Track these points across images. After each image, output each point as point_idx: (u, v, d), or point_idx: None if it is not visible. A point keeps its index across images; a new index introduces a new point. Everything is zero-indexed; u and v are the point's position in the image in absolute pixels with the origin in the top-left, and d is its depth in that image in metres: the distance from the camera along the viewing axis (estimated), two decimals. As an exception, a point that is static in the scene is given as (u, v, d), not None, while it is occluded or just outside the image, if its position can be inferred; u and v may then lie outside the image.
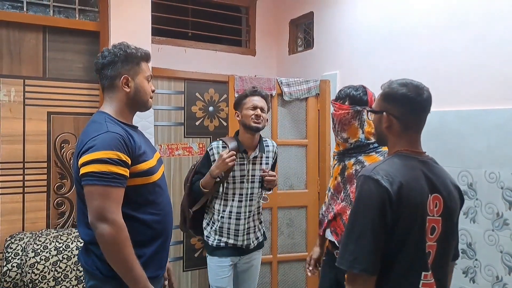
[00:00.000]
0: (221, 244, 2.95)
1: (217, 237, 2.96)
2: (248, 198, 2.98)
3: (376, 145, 2.41)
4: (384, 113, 1.81)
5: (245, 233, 2.98)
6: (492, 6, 2.68)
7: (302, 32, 4.75)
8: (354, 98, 2.43)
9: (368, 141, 2.41)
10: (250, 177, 2.98)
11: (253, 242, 3.03)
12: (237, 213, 2.95)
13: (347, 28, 3.89)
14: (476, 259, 2.75)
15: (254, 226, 3.06)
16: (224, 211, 2.95)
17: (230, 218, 2.94)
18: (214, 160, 2.92)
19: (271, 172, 2.98)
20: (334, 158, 2.63)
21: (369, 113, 1.97)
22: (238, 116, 2.99)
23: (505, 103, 2.60)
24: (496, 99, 2.65)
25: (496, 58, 2.65)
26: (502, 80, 2.62)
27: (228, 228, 2.94)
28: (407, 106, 1.77)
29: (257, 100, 2.95)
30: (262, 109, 2.95)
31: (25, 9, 3.30)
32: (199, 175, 2.97)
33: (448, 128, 2.90)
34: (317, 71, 4.22)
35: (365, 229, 1.63)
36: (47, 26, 3.37)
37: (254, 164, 3.00)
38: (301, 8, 4.55)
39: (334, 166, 2.58)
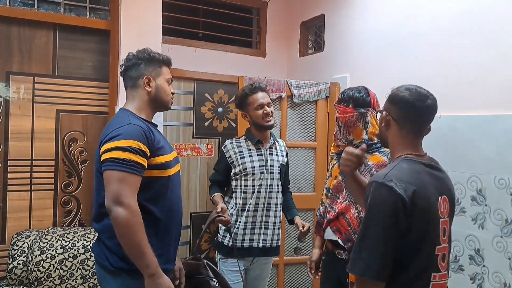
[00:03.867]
0: (237, 245, 2.90)
1: (235, 236, 2.93)
2: (268, 190, 2.95)
3: (379, 145, 2.45)
4: (384, 112, 1.86)
5: (263, 227, 2.95)
6: (503, 12, 2.66)
7: (313, 35, 4.73)
8: (358, 100, 2.47)
9: (371, 141, 2.45)
10: (269, 168, 2.96)
11: (271, 240, 2.99)
12: (255, 204, 2.92)
13: (358, 31, 3.87)
14: (484, 266, 2.71)
15: (274, 222, 3.00)
16: (244, 204, 2.92)
17: (248, 210, 2.92)
18: (230, 157, 2.98)
19: (306, 226, 2.87)
20: (332, 159, 2.64)
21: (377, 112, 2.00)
22: (246, 117, 3.00)
23: (516, 109, 2.57)
24: (506, 105, 2.62)
25: (507, 64, 2.62)
26: (513, 85, 2.60)
27: (246, 222, 2.91)
28: (405, 109, 1.79)
29: (261, 97, 2.93)
30: (268, 105, 2.93)
31: (36, 6, 3.31)
32: (215, 173, 3.09)
33: (458, 133, 2.87)
34: (327, 73, 4.19)
35: (378, 236, 1.64)
36: (57, 24, 3.38)
37: (271, 154, 3.00)
38: (313, 11, 4.53)
39: (333, 166, 2.59)
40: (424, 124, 1.82)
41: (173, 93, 2.31)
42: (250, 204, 2.91)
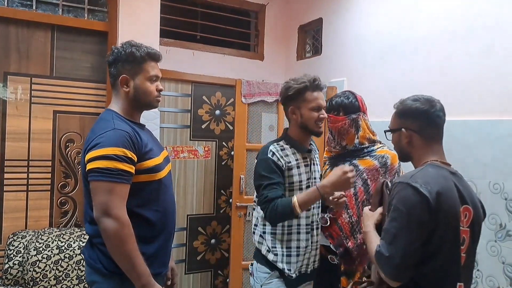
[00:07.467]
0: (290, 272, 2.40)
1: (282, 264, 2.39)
2: (316, 205, 2.47)
3: (370, 149, 2.49)
4: (403, 129, 1.86)
5: (313, 248, 2.47)
6: (499, 17, 2.68)
7: (311, 38, 4.74)
8: (347, 106, 2.49)
9: (362, 146, 2.47)
10: (313, 180, 2.47)
11: (314, 262, 2.52)
12: (302, 225, 2.43)
13: (355, 35, 3.88)
14: (477, 270, 2.72)
15: (317, 241, 2.51)
16: (290, 226, 2.40)
17: (290, 234, 2.41)
18: (282, 166, 2.35)
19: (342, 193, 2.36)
20: (325, 164, 2.64)
21: (386, 133, 1.97)
22: (294, 113, 2.43)
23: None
24: (502, 110, 2.63)
25: (503, 69, 2.64)
26: (508, 91, 2.61)
27: (298, 247, 2.42)
28: (424, 118, 1.82)
29: (321, 99, 2.41)
30: (325, 109, 2.45)
31: (34, 7, 3.31)
32: (276, 188, 2.30)
33: (454, 137, 2.86)
34: (324, 77, 4.19)
35: (407, 237, 1.65)
36: (55, 25, 3.39)
37: (314, 165, 2.50)
38: (311, 14, 4.55)
39: (325, 171, 2.58)
40: (441, 127, 1.87)
41: (160, 90, 2.11)
42: (293, 226, 2.40)
